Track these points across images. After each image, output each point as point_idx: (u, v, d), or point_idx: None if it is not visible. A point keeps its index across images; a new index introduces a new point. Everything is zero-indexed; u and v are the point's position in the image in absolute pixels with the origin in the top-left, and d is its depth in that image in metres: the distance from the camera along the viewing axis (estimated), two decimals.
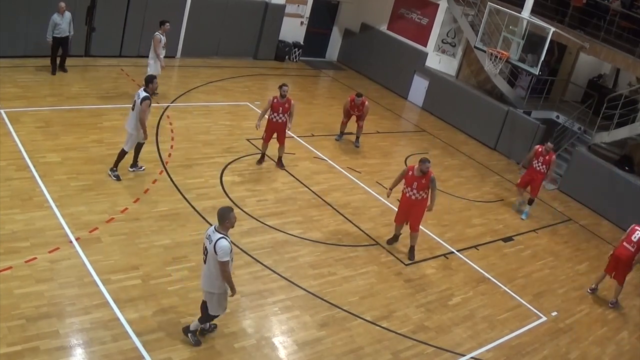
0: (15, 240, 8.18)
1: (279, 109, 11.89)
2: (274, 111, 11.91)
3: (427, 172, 10.11)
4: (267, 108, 11.93)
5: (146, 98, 9.99)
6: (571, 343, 9.53)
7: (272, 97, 11.92)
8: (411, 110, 19.00)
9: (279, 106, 11.88)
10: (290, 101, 11.95)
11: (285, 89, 11.79)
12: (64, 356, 6.65)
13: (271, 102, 11.88)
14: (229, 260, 6.69)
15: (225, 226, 6.72)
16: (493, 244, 11.94)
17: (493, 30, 16.30)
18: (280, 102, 11.86)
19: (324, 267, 9.61)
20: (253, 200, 10.93)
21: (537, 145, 13.39)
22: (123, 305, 7.57)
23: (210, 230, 6.82)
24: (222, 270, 6.73)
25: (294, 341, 7.88)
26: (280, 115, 11.93)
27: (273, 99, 11.88)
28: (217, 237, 6.64)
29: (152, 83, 10.26)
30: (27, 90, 12.88)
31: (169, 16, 16.57)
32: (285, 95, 11.81)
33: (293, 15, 19.81)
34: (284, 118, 11.99)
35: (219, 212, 6.74)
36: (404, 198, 10.42)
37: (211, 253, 6.70)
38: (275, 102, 11.87)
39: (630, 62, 14.87)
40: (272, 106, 11.88)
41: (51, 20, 13.61)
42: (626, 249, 10.62)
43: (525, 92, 17.80)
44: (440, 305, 9.51)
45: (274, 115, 11.93)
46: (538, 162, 13.03)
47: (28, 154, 10.36)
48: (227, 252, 6.64)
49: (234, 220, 6.80)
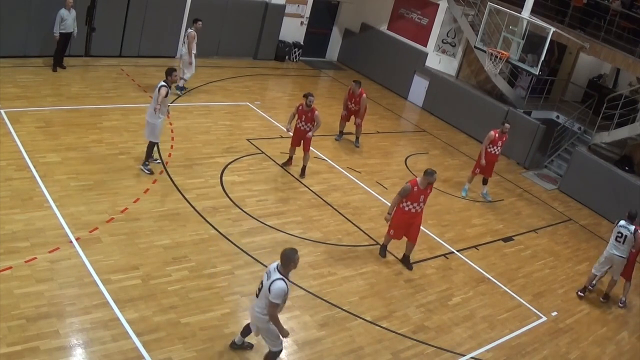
0: (15, 240, 8.18)
1: (302, 117, 12.03)
2: (299, 118, 12.09)
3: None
4: (295, 113, 12.14)
5: (162, 87, 10.40)
6: (571, 343, 9.53)
7: (299, 104, 12.06)
8: (411, 110, 19.00)
9: (303, 114, 12.01)
10: (314, 111, 11.96)
11: (312, 99, 11.84)
12: (64, 356, 6.65)
13: (297, 108, 12.07)
14: (279, 303, 6.46)
15: (288, 268, 6.52)
16: (493, 244, 11.94)
17: (493, 30, 16.30)
18: (304, 111, 11.98)
19: (324, 267, 9.61)
20: (253, 200, 10.94)
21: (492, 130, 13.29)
22: (123, 305, 7.57)
23: (272, 267, 6.59)
24: (270, 311, 6.50)
25: (294, 341, 7.88)
26: (303, 123, 12.04)
27: (299, 106, 12.04)
28: (276, 277, 6.42)
29: (171, 75, 10.60)
30: (27, 90, 12.88)
31: (169, 16, 16.68)
32: (310, 105, 11.88)
33: (293, 15, 19.80)
34: (307, 127, 12.06)
35: (283, 253, 6.51)
36: (404, 215, 9.83)
37: (265, 290, 6.48)
38: (301, 109, 12.03)
39: (630, 62, 14.87)
40: (298, 112, 12.08)
41: (58, 15, 13.68)
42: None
43: (525, 92, 17.81)
44: (440, 305, 9.51)
45: (299, 122, 12.10)
46: (495, 147, 13.10)
47: (28, 154, 10.36)
48: (281, 296, 6.41)
49: (298, 262, 6.58)
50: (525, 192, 14.92)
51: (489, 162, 13.28)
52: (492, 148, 13.14)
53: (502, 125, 13.17)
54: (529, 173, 16.19)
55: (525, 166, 16.41)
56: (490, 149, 13.15)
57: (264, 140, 13.46)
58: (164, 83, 10.50)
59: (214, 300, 8.14)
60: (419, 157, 15.26)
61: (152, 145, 10.88)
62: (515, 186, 15.05)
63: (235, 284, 8.61)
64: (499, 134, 13.09)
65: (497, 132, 13.11)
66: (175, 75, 10.78)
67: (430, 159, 15.41)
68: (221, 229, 9.76)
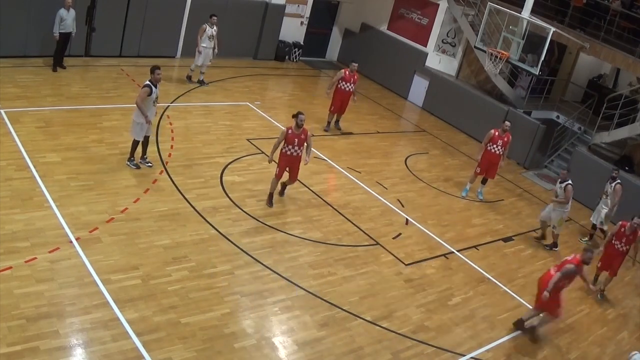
0: (15, 240, 8.18)
1: (294, 141, 10.58)
2: (289, 143, 10.60)
3: None
4: (281, 140, 10.67)
5: (145, 86, 10.31)
6: (571, 343, 9.53)
7: (287, 128, 10.67)
8: (411, 110, 19.00)
9: (294, 138, 10.58)
10: (306, 132, 10.67)
11: (302, 117, 10.48)
12: (64, 356, 6.65)
13: (285, 133, 10.62)
14: None
15: None
16: (493, 244, 11.94)
17: (493, 30, 16.30)
18: (296, 134, 10.57)
19: (324, 267, 9.61)
20: (253, 200, 10.93)
21: (493, 129, 13.38)
22: (123, 305, 7.57)
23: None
24: None
25: (294, 341, 7.88)
26: (296, 147, 10.63)
27: (287, 130, 10.61)
28: None
29: (153, 73, 10.41)
30: (27, 90, 12.87)
31: (169, 16, 16.68)
32: (301, 126, 10.53)
33: (293, 15, 19.80)
34: (300, 151, 10.75)
35: None
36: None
37: None
38: (290, 133, 10.58)
39: (630, 62, 14.88)
40: (286, 138, 10.61)
41: (57, 15, 13.70)
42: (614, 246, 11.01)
43: (526, 92, 17.81)
44: (441, 305, 9.51)
45: (289, 148, 10.63)
46: (496, 146, 13.09)
47: (28, 154, 10.35)
48: None
49: None
50: (525, 192, 14.92)
51: (490, 161, 13.25)
52: (492, 147, 13.10)
53: (502, 124, 13.23)
54: (529, 173, 16.19)
55: (525, 166, 16.41)
56: (490, 148, 13.12)
57: (264, 140, 13.46)
58: (147, 82, 10.40)
59: (214, 300, 8.14)
60: (419, 157, 15.26)
61: (135, 143, 10.79)
62: (515, 186, 15.05)
63: (235, 284, 8.61)
64: (499, 133, 13.10)
65: (497, 131, 13.14)
66: (159, 73, 10.45)
67: (430, 158, 15.41)
68: (221, 229, 9.77)
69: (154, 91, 10.44)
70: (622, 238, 10.88)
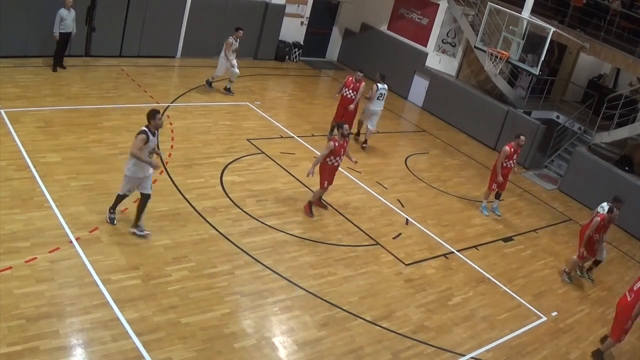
0: (15, 240, 8.18)
1: (340, 152, 10.57)
2: (336, 155, 10.56)
3: None
4: (327, 154, 10.48)
5: (141, 132, 8.49)
6: (571, 343, 9.53)
7: (332, 141, 10.49)
8: (411, 110, 19.00)
9: (341, 148, 10.53)
10: (347, 140, 10.83)
11: (346, 127, 10.61)
12: (64, 356, 6.65)
13: (333, 146, 10.41)
14: None
15: None
16: (493, 244, 11.94)
17: (493, 30, 16.30)
18: (341, 144, 10.48)
19: (324, 267, 9.61)
20: (253, 200, 10.93)
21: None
22: (123, 305, 7.57)
23: None
24: None
25: (294, 341, 7.88)
26: (340, 157, 10.71)
27: (334, 143, 10.42)
28: None
29: (154, 119, 8.55)
30: (27, 90, 12.87)
31: (169, 16, 16.68)
32: (346, 135, 10.63)
33: (293, 15, 19.80)
34: (341, 160, 10.82)
35: None
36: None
37: None
38: (337, 145, 10.44)
39: (630, 62, 14.87)
40: (334, 150, 10.46)
41: (58, 14, 13.70)
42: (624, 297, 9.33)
43: (526, 92, 17.80)
44: (440, 305, 9.51)
45: (335, 160, 10.66)
46: (511, 161, 12.63)
47: (28, 154, 10.35)
48: None
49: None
50: (525, 192, 14.92)
51: (504, 175, 12.77)
52: (508, 162, 12.66)
53: (517, 139, 12.61)
54: (529, 173, 16.19)
55: (525, 166, 16.40)
56: (506, 164, 12.66)
57: (264, 140, 13.46)
58: (144, 128, 8.53)
59: (214, 300, 8.14)
60: (419, 157, 15.26)
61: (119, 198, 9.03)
62: (515, 186, 15.04)
63: (235, 284, 8.61)
64: (514, 148, 12.55)
65: (512, 147, 12.53)
66: (159, 118, 8.59)
67: (430, 158, 15.41)
68: (221, 229, 9.77)
69: (152, 139, 8.56)
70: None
